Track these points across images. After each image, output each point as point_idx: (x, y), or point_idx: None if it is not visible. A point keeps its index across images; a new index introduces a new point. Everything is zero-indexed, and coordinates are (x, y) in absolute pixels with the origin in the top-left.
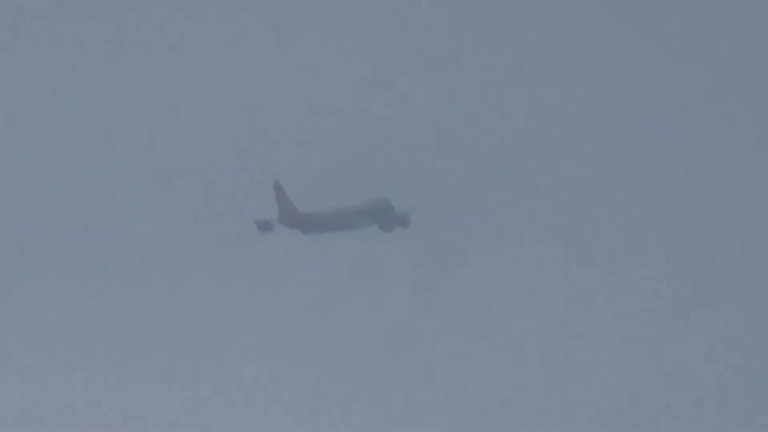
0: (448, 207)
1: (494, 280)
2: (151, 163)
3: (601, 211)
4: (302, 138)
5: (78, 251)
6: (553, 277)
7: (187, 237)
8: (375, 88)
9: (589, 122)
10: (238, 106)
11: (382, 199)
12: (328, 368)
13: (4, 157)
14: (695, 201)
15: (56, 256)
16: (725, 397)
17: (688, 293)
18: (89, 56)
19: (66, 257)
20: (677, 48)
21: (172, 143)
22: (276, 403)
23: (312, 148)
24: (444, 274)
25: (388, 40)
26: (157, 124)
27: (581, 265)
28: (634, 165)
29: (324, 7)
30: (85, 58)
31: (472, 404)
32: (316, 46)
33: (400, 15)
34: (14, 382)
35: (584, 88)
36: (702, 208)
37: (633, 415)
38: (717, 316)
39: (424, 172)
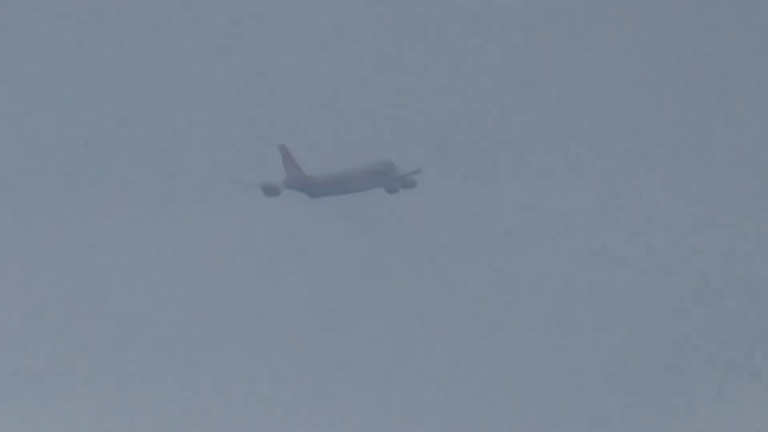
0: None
1: (494, 276)
2: (148, 120)
3: (602, 210)
4: (301, 99)
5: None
6: (554, 276)
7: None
8: (381, 46)
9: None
10: (242, 65)
11: (385, 161)
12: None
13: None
14: (696, 200)
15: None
16: (725, 396)
17: (689, 292)
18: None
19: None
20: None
21: (173, 101)
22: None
23: (310, 109)
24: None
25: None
26: (159, 81)
27: (582, 262)
28: (636, 164)
29: None
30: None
31: (472, 404)
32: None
33: None
34: (10, 383)
35: (592, 84)
36: (705, 206)
37: (633, 414)
38: (718, 314)
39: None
